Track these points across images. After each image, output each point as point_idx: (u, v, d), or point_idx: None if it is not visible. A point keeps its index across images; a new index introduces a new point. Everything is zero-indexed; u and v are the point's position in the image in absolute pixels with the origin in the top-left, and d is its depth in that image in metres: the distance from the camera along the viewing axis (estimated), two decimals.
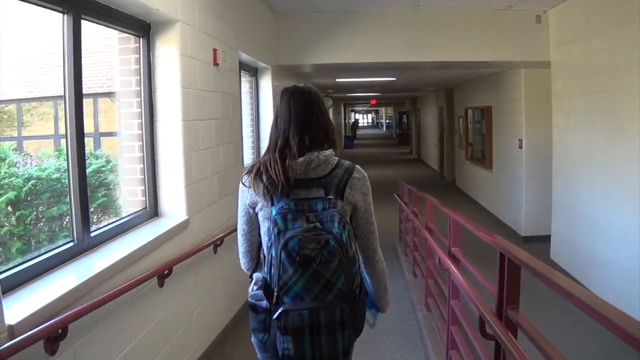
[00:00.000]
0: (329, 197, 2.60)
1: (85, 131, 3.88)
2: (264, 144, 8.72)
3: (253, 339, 2.86)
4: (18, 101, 9.23)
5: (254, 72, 8.98)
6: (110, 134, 7.99)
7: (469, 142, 16.21)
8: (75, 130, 3.76)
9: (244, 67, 8.08)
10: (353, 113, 63.14)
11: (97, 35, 9.09)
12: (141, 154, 4.90)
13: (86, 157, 3.96)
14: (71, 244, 3.74)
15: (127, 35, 4.78)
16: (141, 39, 4.84)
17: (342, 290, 2.45)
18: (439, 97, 22.02)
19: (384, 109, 65.13)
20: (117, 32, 4.73)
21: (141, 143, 4.89)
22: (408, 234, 9.32)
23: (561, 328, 6.30)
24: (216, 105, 5.98)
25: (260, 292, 2.64)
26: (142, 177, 4.92)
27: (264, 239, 2.70)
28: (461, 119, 17.54)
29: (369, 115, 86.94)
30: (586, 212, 8.08)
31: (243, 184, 2.75)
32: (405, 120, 40.29)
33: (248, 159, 8.58)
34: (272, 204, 2.61)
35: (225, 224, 6.16)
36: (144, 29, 4.82)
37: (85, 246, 3.85)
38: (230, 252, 6.08)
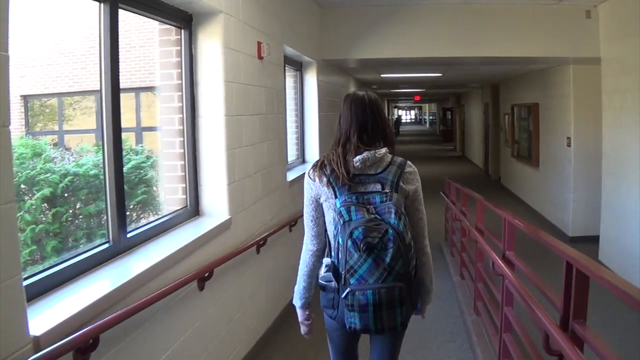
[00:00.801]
0: (385, 191, 2.94)
1: (127, 126, 3.70)
2: (309, 140, 8.62)
3: (324, 316, 3.27)
4: (59, 95, 9.16)
5: (299, 67, 8.79)
6: (152, 129, 7.84)
7: (515, 139, 15.86)
8: (112, 125, 3.57)
9: (288, 61, 7.89)
10: (396, 109, 62.87)
11: (139, 29, 8.99)
12: (182, 150, 4.71)
13: (126, 153, 3.78)
14: (106, 245, 3.55)
15: (168, 26, 4.59)
16: (182, 31, 4.64)
17: (400, 272, 2.78)
18: (484, 94, 21.65)
19: (427, 105, 64.67)
20: (158, 24, 4.55)
21: (182, 139, 4.70)
22: (455, 234, 9.09)
23: (615, 332, 6.01)
24: (260, 101, 5.78)
25: (329, 274, 3.00)
26: (183, 174, 4.73)
27: (330, 228, 3.08)
28: (507, 116, 17.21)
29: (412, 112, 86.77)
30: (637, 213, 7.78)
31: (309, 176, 3.14)
32: (449, 116, 39.83)
33: (292, 155, 8.39)
34: (335, 196, 2.97)
35: (269, 223, 5.97)
36: (185, 20, 4.62)
37: (121, 248, 3.66)
38: (274, 253, 5.95)
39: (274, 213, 6.17)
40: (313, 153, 9.03)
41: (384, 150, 3.05)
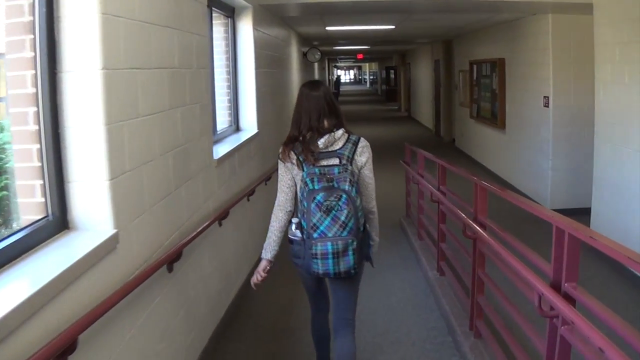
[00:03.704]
0: (343, 164, 3.62)
1: None
2: (244, 103, 7.33)
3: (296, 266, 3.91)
4: None
5: (230, 12, 7.04)
6: None
7: (474, 98, 14.69)
8: None
9: (215, 4, 6.16)
10: (335, 69, 61.54)
11: None
12: (38, 127, 2.91)
13: None
14: None
15: None
16: None
17: (353, 228, 3.47)
18: (435, 50, 20.49)
19: (367, 64, 64.10)
20: None
21: (37, 109, 2.90)
22: (423, 213, 7.68)
23: None
24: (171, 48, 4.00)
25: (297, 231, 3.70)
26: (40, 164, 2.92)
27: (299, 194, 3.71)
28: (462, 73, 16.22)
29: (351, 72, 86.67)
30: None
31: (280, 154, 3.75)
32: (393, 75, 38.60)
33: (223, 123, 6.72)
34: (303, 170, 3.62)
35: (186, 224, 4.24)
36: None
37: None
38: (196, 262, 4.47)
39: (194, 207, 4.45)
40: (250, 119, 7.36)
41: (341, 131, 3.71)
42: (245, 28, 7.29)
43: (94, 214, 2.98)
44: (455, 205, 5.39)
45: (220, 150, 5.57)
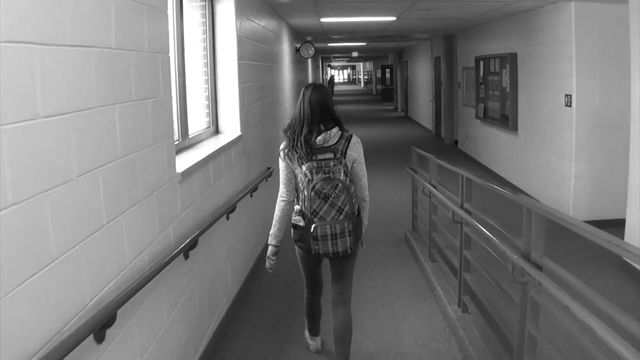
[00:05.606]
0: (337, 157, 4.04)
1: None
2: (225, 101, 6.42)
3: (296, 248, 4.38)
4: None
5: None
6: None
7: (481, 97, 13.68)
8: None
9: None
10: (329, 69, 60.74)
11: None
12: None
13: None
14: None
15: None
16: None
17: (348, 213, 3.97)
18: (435, 47, 19.57)
19: (361, 64, 63.38)
20: None
21: None
22: (437, 232, 6.57)
23: None
24: (103, 19, 2.80)
25: (299, 217, 4.14)
26: None
27: (299, 185, 4.13)
28: (466, 71, 15.31)
29: (345, 72, 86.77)
30: None
31: (282, 152, 4.16)
32: (389, 75, 37.69)
33: (202, 124, 5.63)
34: (302, 164, 4.01)
35: (131, 265, 3.05)
36: None
37: None
38: (145, 318, 3.20)
39: (144, 242, 3.26)
40: (231, 119, 6.29)
41: (335, 129, 4.13)
42: (226, 12, 6.19)
43: None
44: (489, 231, 4.21)
45: (190, 159, 4.42)
